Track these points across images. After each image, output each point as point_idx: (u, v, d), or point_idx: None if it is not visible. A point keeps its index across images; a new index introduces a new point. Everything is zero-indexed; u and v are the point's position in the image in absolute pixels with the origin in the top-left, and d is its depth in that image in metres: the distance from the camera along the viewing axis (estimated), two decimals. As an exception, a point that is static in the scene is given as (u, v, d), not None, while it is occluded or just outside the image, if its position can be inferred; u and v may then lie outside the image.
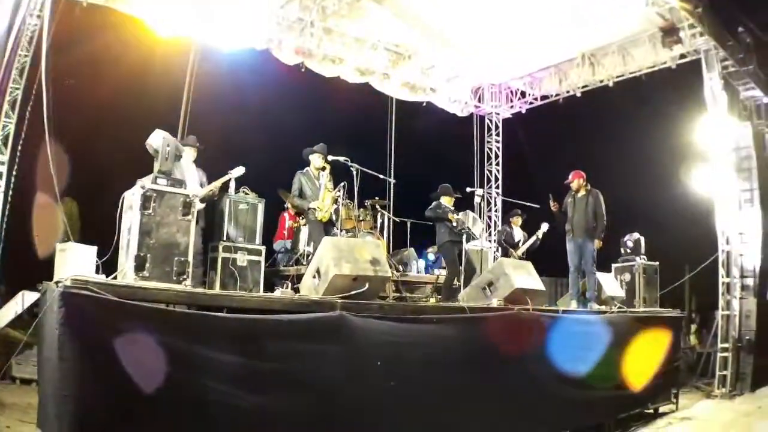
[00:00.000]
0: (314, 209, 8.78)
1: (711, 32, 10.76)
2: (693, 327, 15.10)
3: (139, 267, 5.61)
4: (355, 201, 9.09)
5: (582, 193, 10.23)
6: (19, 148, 8.80)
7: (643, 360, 9.10)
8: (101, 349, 4.55)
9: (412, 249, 12.08)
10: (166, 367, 4.78)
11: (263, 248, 8.94)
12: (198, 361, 4.97)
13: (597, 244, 10.01)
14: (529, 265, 8.72)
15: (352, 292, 6.27)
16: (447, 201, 9.88)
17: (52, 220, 8.13)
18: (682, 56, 11.78)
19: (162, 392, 4.74)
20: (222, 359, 5.10)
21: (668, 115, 13.18)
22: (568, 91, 14.14)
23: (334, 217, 8.88)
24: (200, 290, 5.98)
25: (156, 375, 4.73)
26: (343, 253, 6.41)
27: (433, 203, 9.85)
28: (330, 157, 8.90)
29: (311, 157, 9.05)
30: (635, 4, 10.60)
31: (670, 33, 10.96)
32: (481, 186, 15.68)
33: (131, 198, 5.88)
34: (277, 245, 10.55)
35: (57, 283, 4.76)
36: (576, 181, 10.30)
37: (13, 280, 8.83)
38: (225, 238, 8.59)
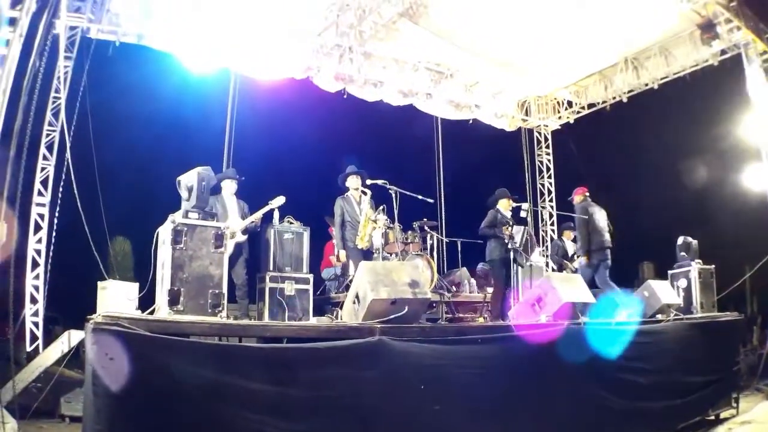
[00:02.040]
0: (353, 237, 8.78)
1: (748, 25, 10.45)
2: (755, 328, 14.47)
3: (173, 301, 5.63)
4: (396, 224, 8.98)
5: None
6: (60, 188, 9.01)
7: (702, 366, 8.84)
8: (133, 384, 4.58)
9: (464, 269, 11.89)
10: (199, 399, 4.81)
11: (311, 276, 8.93)
12: (232, 391, 4.97)
13: (582, 261, 10.06)
14: (578, 277, 8.51)
15: (391, 316, 6.17)
16: (504, 206, 9.68)
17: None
18: (723, 52, 11.48)
19: (195, 424, 4.77)
20: (257, 389, 5.09)
21: (716, 113, 12.75)
22: (614, 98, 13.83)
23: (375, 243, 8.80)
24: (232, 321, 5.96)
25: (189, 407, 4.76)
26: (380, 276, 6.33)
27: (488, 214, 9.68)
28: (368, 181, 8.85)
29: (348, 182, 9.04)
30: (671, 2, 10.29)
31: (707, 29, 10.70)
32: (534, 200, 15.41)
33: (164, 233, 5.93)
34: (325, 273, 10.53)
35: (89, 320, 4.82)
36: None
37: (67, 319, 9.05)
38: (272, 268, 8.62)
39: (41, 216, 9.33)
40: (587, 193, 10.72)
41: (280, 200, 8.56)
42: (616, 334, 7.76)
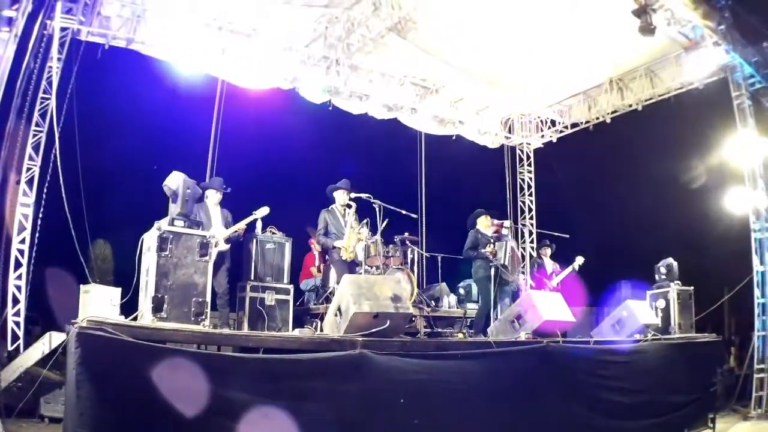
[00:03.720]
0: (338, 248, 8.80)
1: (735, 49, 10.53)
2: (732, 349, 14.66)
3: (157, 308, 5.65)
4: (378, 237, 9.02)
5: None
6: (45, 189, 8.96)
7: (679, 386, 8.88)
8: (116, 389, 4.63)
9: (444, 284, 11.93)
10: (180, 406, 4.80)
11: (291, 287, 8.96)
12: (215, 400, 4.96)
13: None
14: (558, 296, 8.59)
15: (373, 330, 6.22)
16: (484, 225, 9.87)
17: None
18: (709, 76, 11.42)
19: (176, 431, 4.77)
20: (240, 399, 5.09)
21: (699, 136, 12.84)
22: (597, 118, 13.86)
23: (359, 256, 8.85)
24: (215, 330, 5.98)
25: (170, 414, 4.76)
26: (362, 290, 6.37)
27: (469, 235, 9.81)
28: (352, 194, 8.89)
29: (335, 194, 9.08)
30: (658, 25, 10.36)
31: (692, 51, 10.81)
32: (515, 218, 15.48)
33: (149, 240, 5.94)
34: (304, 284, 10.57)
35: (73, 323, 4.83)
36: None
37: (46, 321, 8.97)
38: (253, 278, 8.63)
39: (25, 216, 9.27)
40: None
41: (264, 210, 8.60)
42: (593, 353, 7.86)
